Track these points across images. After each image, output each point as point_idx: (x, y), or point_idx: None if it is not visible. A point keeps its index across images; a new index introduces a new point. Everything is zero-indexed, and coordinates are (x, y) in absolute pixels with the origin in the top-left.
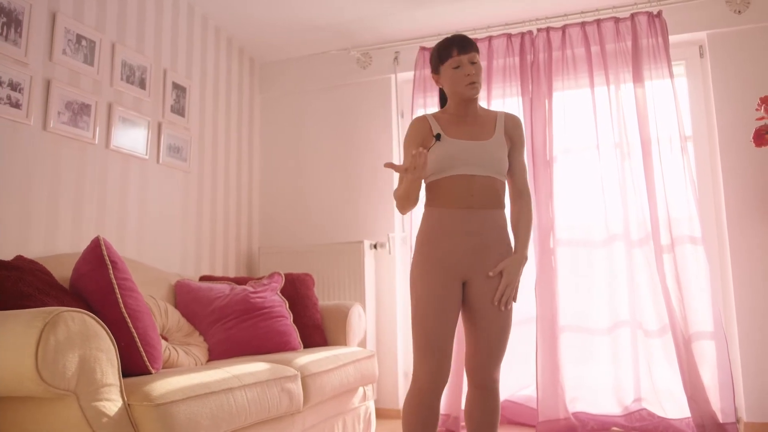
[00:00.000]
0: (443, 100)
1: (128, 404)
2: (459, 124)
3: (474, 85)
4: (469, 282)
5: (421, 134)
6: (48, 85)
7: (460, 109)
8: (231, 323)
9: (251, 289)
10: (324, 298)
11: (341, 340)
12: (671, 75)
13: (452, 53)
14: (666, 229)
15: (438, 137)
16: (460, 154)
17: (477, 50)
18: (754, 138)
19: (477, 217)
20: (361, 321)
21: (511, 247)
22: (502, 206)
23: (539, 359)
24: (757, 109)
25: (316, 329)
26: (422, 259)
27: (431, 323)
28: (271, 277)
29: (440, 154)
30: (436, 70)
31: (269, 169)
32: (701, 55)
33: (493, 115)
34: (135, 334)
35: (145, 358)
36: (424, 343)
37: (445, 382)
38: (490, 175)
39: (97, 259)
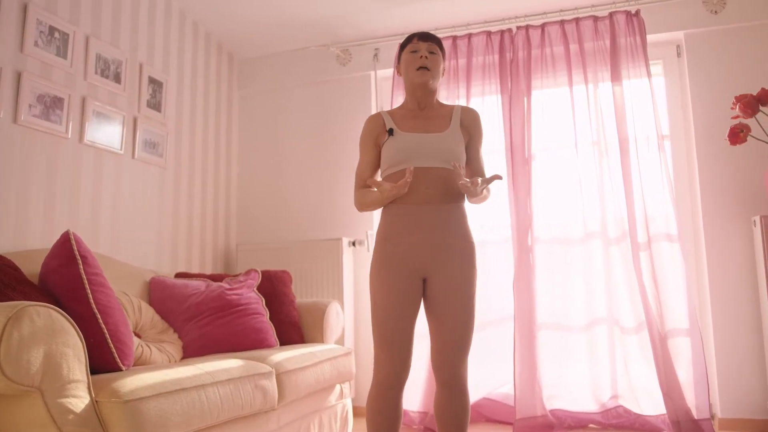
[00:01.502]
0: None
1: (96, 401)
2: (413, 118)
3: (425, 70)
4: (430, 278)
5: (375, 131)
6: (19, 77)
7: (414, 102)
8: (206, 320)
9: (227, 286)
10: (302, 295)
11: (318, 338)
12: (649, 74)
13: (413, 40)
14: (643, 226)
15: (390, 132)
16: (413, 147)
17: (439, 45)
18: (729, 136)
19: (436, 212)
20: (338, 318)
21: (472, 242)
22: (461, 199)
23: (517, 357)
24: (732, 108)
25: (293, 326)
26: (381, 255)
27: (390, 320)
28: (248, 274)
29: (393, 147)
30: (398, 60)
31: (247, 165)
32: (678, 54)
33: (449, 109)
34: (105, 330)
35: (116, 355)
36: (382, 339)
37: (406, 377)
38: (445, 167)
39: (66, 253)
